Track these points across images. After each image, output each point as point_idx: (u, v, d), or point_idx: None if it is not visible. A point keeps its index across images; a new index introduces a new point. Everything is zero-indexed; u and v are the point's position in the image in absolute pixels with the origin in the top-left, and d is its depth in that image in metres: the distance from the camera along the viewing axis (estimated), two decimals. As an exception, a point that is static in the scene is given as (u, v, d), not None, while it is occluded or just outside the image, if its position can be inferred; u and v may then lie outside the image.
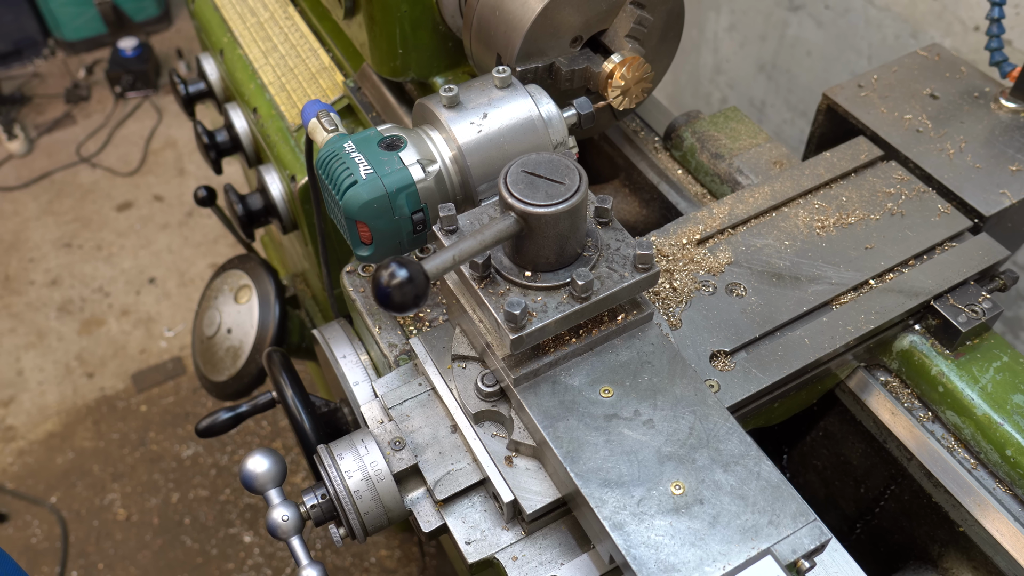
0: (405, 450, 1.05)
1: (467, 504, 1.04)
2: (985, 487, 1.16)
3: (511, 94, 1.15)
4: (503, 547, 1.00)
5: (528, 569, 0.99)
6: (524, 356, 0.99)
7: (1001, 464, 1.15)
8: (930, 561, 1.32)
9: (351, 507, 1.03)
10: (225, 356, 1.92)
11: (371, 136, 1.13)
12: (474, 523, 1.02)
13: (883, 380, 1.27)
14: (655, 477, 0.91)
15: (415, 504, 1.05)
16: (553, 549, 1.01)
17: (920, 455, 1.21)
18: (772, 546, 0.86)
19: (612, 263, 0.99)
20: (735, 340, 1.15)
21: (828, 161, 1.38)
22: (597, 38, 1.31)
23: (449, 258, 0.90)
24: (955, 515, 1.20)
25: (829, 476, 1.47)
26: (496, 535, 1.01)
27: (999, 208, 1.29)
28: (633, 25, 1.27)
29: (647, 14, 1.27)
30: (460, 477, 1.03)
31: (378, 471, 1.03)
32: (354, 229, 1.10)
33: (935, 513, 1.25)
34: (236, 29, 1.88)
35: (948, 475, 1.19)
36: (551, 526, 1.03)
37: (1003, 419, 1.15)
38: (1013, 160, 1.35)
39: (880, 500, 1.38)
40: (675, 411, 0.96)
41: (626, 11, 1.27)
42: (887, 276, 1.24)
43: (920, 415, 1.23)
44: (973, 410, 1.17)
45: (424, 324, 1.22)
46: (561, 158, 0.96)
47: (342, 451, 1.05)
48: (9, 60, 4.86)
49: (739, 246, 1.26)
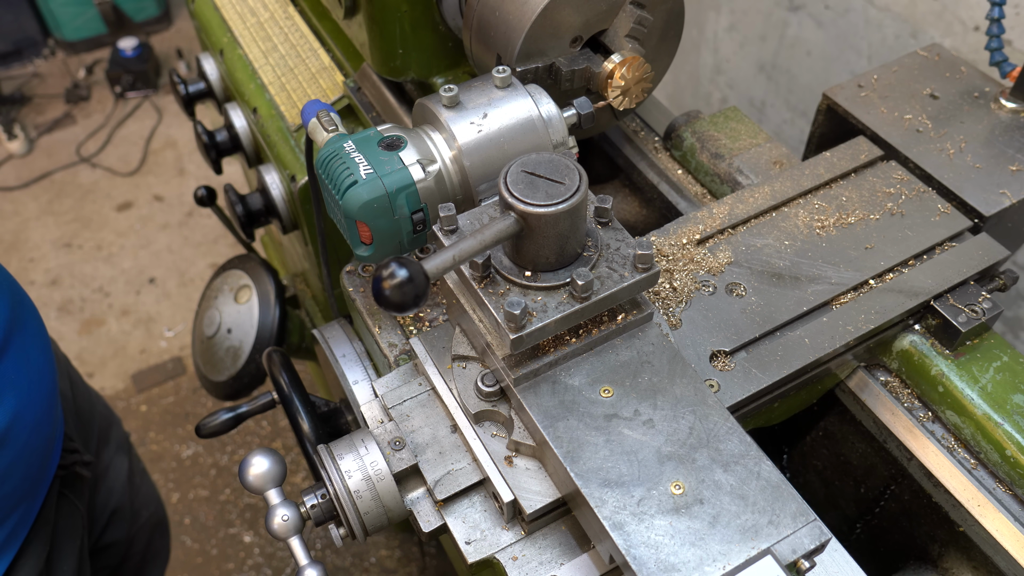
0: (405, 450, 1.05)
1: (467, 504, 1.04)
2: (985, 487, 1.16)
3: (511, 94, 1.15)
4: (503, 547, 1.00)
5: (528, 569, 0.99)
6: (524, 356, 0.99)
7: (1001, 464, 1.15)
8: (930, 561, 1.32)
9: (351, 507, 1.03)
10: (225, 356, 1.92)
11: (371, 136, 1.13)
12: (474, 523, 1.02)
13: (883, 380, 1.27)
14: (655, 477, 0.91)
15: (415, 504, 1.05)
16: (553, 549, 1.01)
17: (920, 455, 1.21)
18: (772, 546, 0.86)
19: (612, 263, 0.99)
20: (735, 340, 1.15)
21: (828, 161, 1.38)
22: (597, 38, 1.31)
23: (449, 258, 0.90)
24: (955, 515, 1.20)
25: (829, 476, 1.47)
26: (496, 535, 1.01)
27: (999, 208, 1.29)
28: (633, 25, 1.27)
29: (647, 14, 1.27)
30: (460, 477, 1.03)
31: (378, 471, 1.03)
32: (354, 229, 1.10)
33: (935, 513, 1.25)
34: (236, 29, 1.88)
35: (948, 475, 1.19)
36: (551, 526, 1.03)
37: (1003, 419, 1.15)
38: (1013, 160, 1.35)
39: (880, 500, 1.38)
40: (675, 411, 0.96)
41: (626, 11, 1.27)
42: (887, 276, 1.24)
43: (920, 415, 1.23)
44: (973, 410, 1.17)
45: (424, 324, 1.22)
46: (561, 158, 0.96)
47: (342, 451, 1.05)
48: (9, 60, 4.86)
49: (739, 246, 1.26)
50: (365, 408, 1.12)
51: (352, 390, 1.19)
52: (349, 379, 1.20)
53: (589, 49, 1.32)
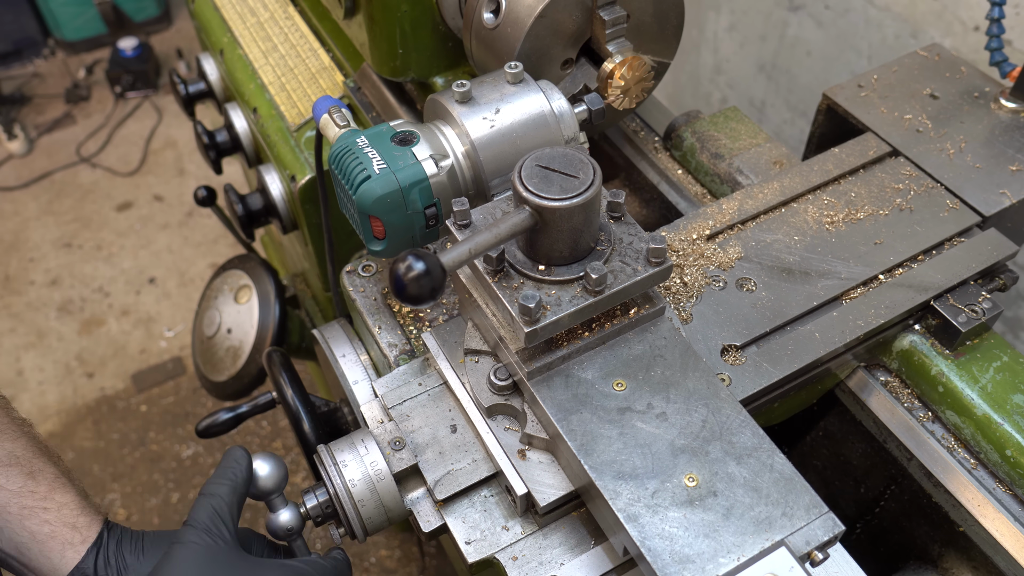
0: (405, 450, 1.05)
1: (467, 504, 1.04)
2: (985, 487, 1.16)
3: (523, 89, 1.15)
4: (503, 547, 1.00)
5: (528, 569, 0.99)
6: (537, 350, 0.99)
7: (1001, 464, 1.15)
8: (930, 561, 1.32)
9: (351, 507, 1.04)
10: (225, 356, 1.92)
11: (384, 131, 1.12)
12: (474, 523, 1.02)
13: (883, 380, 1.27)
14: (669, 469, 0.91)
15: (415, 504, 1.05)
16: (553, 549, 1.01)
17: (920, 455, 1.21)
18: (786, 537, 0.86)
19: (625, 257, 0.99)
20: (746, 334, 1.15)
21: (836, 157, 1.38)
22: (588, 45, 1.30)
23: (465, 251, 0.90)
24: (955, 515, 1.20)
25: (829, 476, 1.47)
26: (496, 535, 1.01)
27: (999, 208, 1.29)
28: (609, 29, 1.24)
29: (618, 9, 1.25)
30: (460, 477, 1.03)
31: (378, 471, 1.03)
32: (367, 224, 1.10)
33: (935, 513, 1.25)
34: (236, 29, 1.88)
35: (948, 475, 1.18)
36: (552, 526, 1.03)
37: (1003, 419, 1.15)
38: (1013, 160, 1.35)
39: (880, 500, 1.38)
40: (688, 404, 0.96)
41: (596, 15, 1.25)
42: (896, 271, 1.24)
43: (920, 415, 1.23)
44: (973, 410, 1.17)
45: (424, 324, 1.22)
46: (575, 152, 0.96)
47: (342, 451, 1.05)
48: (9, 60, 4.86)
49: (749, 241, 1.26)
50: (365, 408, 1.12)
51: (352, 390, 1.19)
52: (349, 379, 1.20)
53: (586, 59, 1.31)
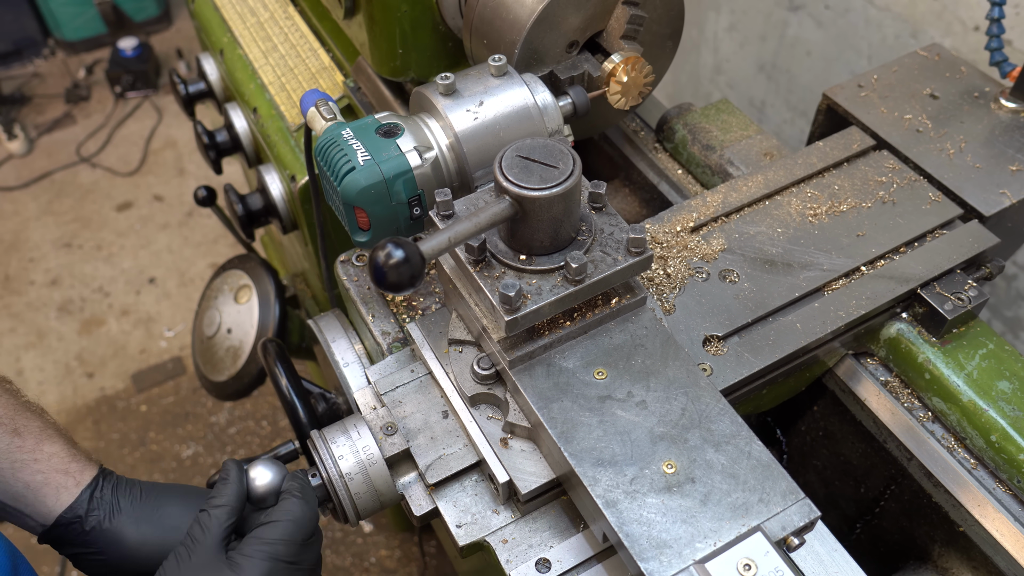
0: (397, 435, 1.06)
1: (458, 488, 1.05)
2: (985, 487, 1.17)
3: (507, 82, 1.16)
4: (493, 530, 1.02)
5: (518, 551, 1.00)
6: (519, 339, 1.00)
7: (986, 449, 1.16)
8: (930, 561, 1.32)
9: (343, 491, 1.05)
10: (225, 356, 1.93)
11: (369, 123, 1.14)
12: (465, 507, 1.04)
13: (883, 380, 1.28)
14: (648, 456, 0.92)
15: (407, 488, 1.06)
16: (543, 532, 1.02)
17: (920, 455, 1.22)
18: (762, 523, 0.87)
19: (606, 247, 1.00)
20: (728, 325, 1.16)
21: (821, 151, 1.39)
22: (594, 39, 1.32)
23: (445, 239, 0.91)
24: (955, 515, 1.21)
25: (829, 476, 1.48)
26: (486, 518, 1.02)
27: (999, 208, 1.30)
28: (628, 25, 1.28)
29: (641, 12, 1.28)
30: (451, 462, 1.04)
31: (370, 455, 1.04)
32: (352, 215, 1.11)
33: (935, 513, 1.25)
34: (236, 29, 1.89)
35: (948, 475, 1.19)
36: (541, 510, 1.04)
37: (988, 405, 1.16)
38: (1013, 160, 1.36)
39: (880, 500, 1.38)
40: (668, 392, 0.97)
41: (620, 10, 1.28)
42: (878, 263, 1.25)
43: (920, 415, 1.24)
44: (959, 396, 1.18)
45: (417, 312, 1.24)
46: (556, 143, 0.97)
47: (335, 436, 1.06)
48: (9, 60, 4.87)
49: (732, 233, 1.28)
50: (358, 394, 1.14)
51: (345, 376, 1.20)
52: (342, 366, 1.21)
53: (588, 51, 1.32)
